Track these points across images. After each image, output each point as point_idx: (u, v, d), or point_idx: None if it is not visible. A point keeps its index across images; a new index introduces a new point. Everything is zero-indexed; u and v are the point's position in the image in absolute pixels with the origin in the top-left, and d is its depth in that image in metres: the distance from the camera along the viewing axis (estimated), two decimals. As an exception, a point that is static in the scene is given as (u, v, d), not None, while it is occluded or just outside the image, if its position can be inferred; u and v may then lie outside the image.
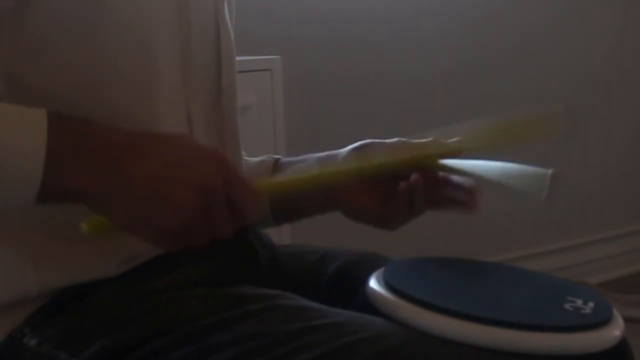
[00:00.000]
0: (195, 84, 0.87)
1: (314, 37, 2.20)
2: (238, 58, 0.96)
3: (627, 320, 0.82)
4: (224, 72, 0.92)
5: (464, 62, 2.47)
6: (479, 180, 0.88)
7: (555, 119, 0.81)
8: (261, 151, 1.07)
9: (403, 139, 0.96)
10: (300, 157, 1.03)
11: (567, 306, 0.79)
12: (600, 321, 0.77)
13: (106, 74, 0.80)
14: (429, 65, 2.41)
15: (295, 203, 1.00)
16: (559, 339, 0.75)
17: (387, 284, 0.81)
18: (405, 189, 0.92)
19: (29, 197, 0.70)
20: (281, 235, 1.65)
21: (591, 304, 0.79)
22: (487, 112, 0.96)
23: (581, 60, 2.72)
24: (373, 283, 0.82)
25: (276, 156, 1.05)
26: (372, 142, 0.97)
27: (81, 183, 0.71)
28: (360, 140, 0.99)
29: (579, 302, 0.79)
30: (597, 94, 2.76)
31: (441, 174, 0.93)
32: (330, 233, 1.55)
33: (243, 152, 1.01)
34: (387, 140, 0.96)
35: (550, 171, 0.81)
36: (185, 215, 0.71)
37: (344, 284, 0.95)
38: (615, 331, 0.77)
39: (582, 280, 2.53)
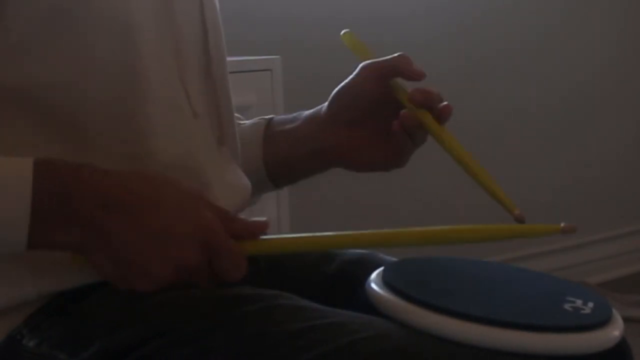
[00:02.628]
0: (187, 55, 0.88)
1: (314, 37, 2.20)
2: (238, 58, 0.97)
3: (627, 320, 0.82)
4: (211, 42, 0.92)
5: (464, 64, 2.47)
6: (448, 150, 0.92)
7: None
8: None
9: (366, 63, 1.00)
10: (291, 117, 1.05)
11: (567, 306, 0.79)
12: (599, 321, 0.77)
13: (90, 63, 0.80)
14: (429, 66, 2.39)
15: (292, 164, 1.03)
16: (558, 339, 0.75)
17: (387, 283, 0.81)
18: (398, 127, 0.94)
19: (16, 251, 0.73)
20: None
21: (591, 304, 0.79)
22: (488, 112, 0.96)
23: (582, 60, 2.72)
24: (373, 283, 0.82)
25: (268, 117, 1.06)
26: (341, 87, 1.01)
27: (65, 239, 0.73)
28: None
29: (579, 302, 0.79)
30: (597, 94, 2.77)
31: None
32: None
33: (238, 115, 1.02)
34: (354, 74, 1.00)
35: None
36: (161, 286, 0.74)
37: (344, 283, 0.95)
38: (614, 331, 0.77)
39: (582, 280, 2.53)
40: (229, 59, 0.97)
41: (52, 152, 0.77)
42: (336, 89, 1.01)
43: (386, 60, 0.98)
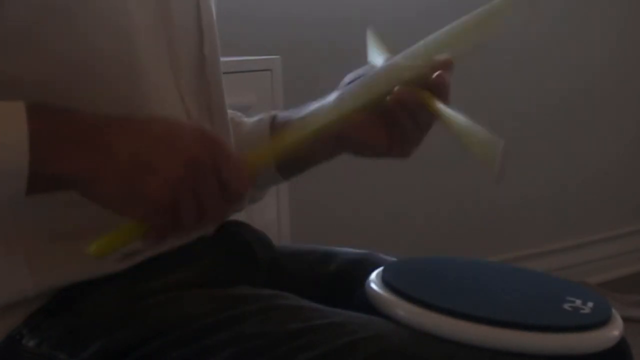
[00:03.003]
0: (181, 56, 0.88)
1: (314, 37, 2.20)
2: (238, 58, 0.97)
3: (627, 320, 0.82)
4: (206, 42, 0.92)
5: (464, 64, 2.47)
6: (447, 126, 0.87)
7: None
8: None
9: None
10: (296, 110, 1.02)
11: (566, 306, 0.79)
12: (599, 321, 0.77)
13: (89, 59, 0.80)
14: (429, 66, 2.41)
15: (300, 152, 1.00)
16: (558, 339, 0.75)
17: (387, 283, 0.81)
18: (393, 101, 0.91)
19: (19, 189, 0.70)
20: (281, 236, 1.65)
21: (590, 304, 0.79)
22: (488, 112, 0.96)
23: (582, 60, 2.72)
24: (373, 283, 0.82)
25: (272, 113, 1.05)
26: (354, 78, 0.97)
27: (67, 166, 0.71)
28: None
29: (578, 302, 0.79)
30: (597, 94, 2.76)
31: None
32: (330, 233, 1.55)
33: (239, 114, 1.02)
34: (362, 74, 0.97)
35: (501, 142, 0.80)
36: (172, 187, 0.71)
37: (344, 284, 0.95)
38: (614, 331, 0.77)
39: (582, 280, 2.53)
40: (229, 59, 0.98)
41: None
42: (347, 76, 0.98)
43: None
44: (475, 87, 2.45)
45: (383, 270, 0.85)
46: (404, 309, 0.77)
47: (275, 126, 1.02)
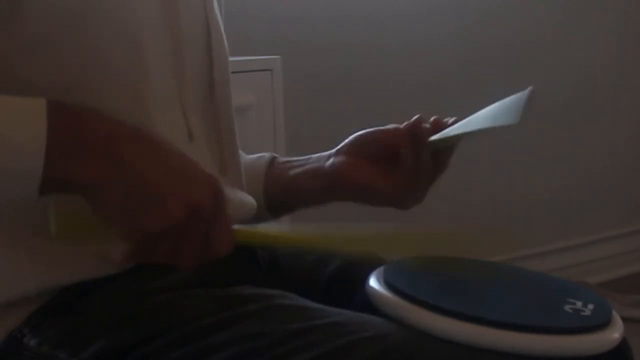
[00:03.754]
0: (188, 78, 0.88)
1: (314, 37, 2.20)
2: (238, 58, 0.97)
3: (627, 320, 0.82)
4: (216, 65, 0.92)
5: (465, 64, 2.47)
6: (468, 137, 0.88)
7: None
8: (261, 151, 1.07)
9: (395, 125, 0.96)
10: (298, 159, 1.02)
11: (567, 308, 0.79)
12: (599, 323, 0.77)
13: (98, 70, 0.80)
14: (430, 66, 2.41)
15: (294, 193, 1.00)
16: (558, 341, 0.75)
17: (387, 283, 0.81)
18: (412, 169, 0.92)
19: (31, 190, 0.69)
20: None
21: (591, 306, 0.79)
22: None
23: (582, 60, 2.72)
24: (373, 283, 0.82)
25: (274, 154, 1.05)
26: (361, 136, 0.97)
27: (81, 170, 0.70)
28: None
29: (579, 304, 0.79)
30: (597, 94, 2.77)
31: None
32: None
33: (241, 151, 1.02)
34: (379, 128, 0.97)
35: (527, 91, 0.80)
36: (167, 223, 0.71)
37: (344, 284, 0.95)
38: (614, 334, 0.77)
39: (582, 280, 2.53)
40: (229, 59, 0.97)
41: None
42: (357, 133, 0.99)
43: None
44: (475, 88, 2.45)
45: (383, 270, 0.84)
46: (404, 309, 0.77)
47: (272, 169, 1.02)
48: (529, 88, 0.79)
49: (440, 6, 2.43)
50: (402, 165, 0.93)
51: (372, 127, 1.00)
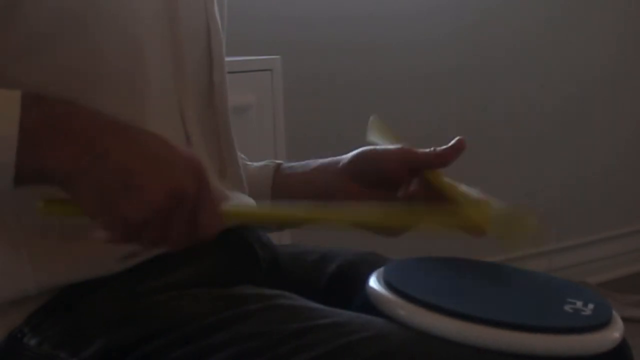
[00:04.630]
0: (187, 81, 0.88)
1: (314, 37, 2.20)
2: (238, 58, 0.97)
3: (627, 320, 0.82)
4: (216, 69, 0.92)
5: (465, 64, 2.47)
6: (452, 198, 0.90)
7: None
8: (261, 151, 1.07)
9: (401, 147, 0.96)
10: (303, 163, 1.02)
11: (567, 307, 0.79)
12: (599, 323, 0.77)
13: (97, 72, 0.80)
14: (430, 66, 2.42)
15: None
16: (558, 341, 0.75)
17: (387, 284, 0.81)
18: (405, 197, 0.92)
19: (6, 181, 0.69)
20: (281, 235, 1.65)
21: (591, 306, 0.79)
22: (488, 112, 0.96)
23: (582, 60, 2.72)
24: (373, 283, 0.82)
25: (278, 161, 1.05)
26: (369, 151, 0.97)
27: (55, 160, 0.70)
28: (360, 140, 0.99)
29: (579, 304, 0.79)
30: (597, 94, 2.77)
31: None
32: (330, 233, 1.55)
33: (243, 156, 1.01)
34: (386, 148, 0.97)
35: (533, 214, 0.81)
36: (148, 211, 0.70)
37: (344, 284, 0.95)
38: (614, 333, 0.77)
39: (582, 280, 2.53)
40: (229, 59, 0.97)
41: None
42: (363, 149, 0.98)
43: (424, 154, 0.94)
44: (475, 89, 2.45)
45: (383, 270, 0.84)
46: (404, 309, 0.77)
47: (278, 176, 1.02)
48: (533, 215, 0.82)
49: (440, 6, 2.43)
50: (397, 193, 0.93)
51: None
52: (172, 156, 0.73)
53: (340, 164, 0.98)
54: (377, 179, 0.96)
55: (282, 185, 1.02)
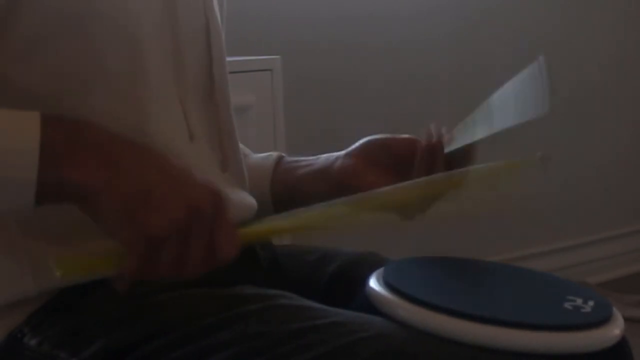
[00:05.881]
0: (188, 78, 0.88)
1: (314, 37, 2.20)
2: (238, 58, 0.97)
3: (627, 320, 0.82)
4: (215, 66, 0.92)
5: (465, 64, 2.47)
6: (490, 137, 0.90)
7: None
8: (261, 151, 1.07)
9: (409, 136, 0.97)
10: (306, 158, 1.02)
11: (567, 305, 0.79)
12: (600, 320, 0.77)
13: (97, 72, 0.80)
14: (430, 66, 2.41)
15: (300, 193, 1.00)
16: (558, 338, 0.75)
17: (387, 283, 0.81)
18: (416, 174, 0.93)
19: (28, 198, 0.70)
20: (281, 235, 1.65)
21: (591, 303, 0.79)
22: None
23: (582, 60, 2.72)
24: (373, 283, 0.82)
25: (281, 154, 1.05)
26: (377, 139, 0.97)
27: (76, 174, 0.70)
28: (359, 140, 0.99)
29: (579, 301, 0.79)
30: (597, 94, 2.76)
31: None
32: (330, 233, 1.55)
33: (245, 148, 1.02)
34: (392, 136, 0.97)
35: (538, 65, 0.80)
36: (169, 226, 0.71)
37: (344, 284, 0.95)
38: (615, 330, 0.77)
39: (582, 280, 2.53)
40: (229, 59, 0.97)
41: None
42: (369, 138, 0.99)
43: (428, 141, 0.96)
44: (475, 89, 2.45)
45: (383, 270, 0.84)
46: (404, 309, 0.77)
47: (279, 168, 1.02)
48: (539, 60, 0.79)
49: (440, 6, 2.43)
50: (412, 175, 0.93)
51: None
52: (191, 177, 0.74)
53: (351, 151, 0.98)
54: (392, 162, 0.96)
55: (288, 176, 1.01)
